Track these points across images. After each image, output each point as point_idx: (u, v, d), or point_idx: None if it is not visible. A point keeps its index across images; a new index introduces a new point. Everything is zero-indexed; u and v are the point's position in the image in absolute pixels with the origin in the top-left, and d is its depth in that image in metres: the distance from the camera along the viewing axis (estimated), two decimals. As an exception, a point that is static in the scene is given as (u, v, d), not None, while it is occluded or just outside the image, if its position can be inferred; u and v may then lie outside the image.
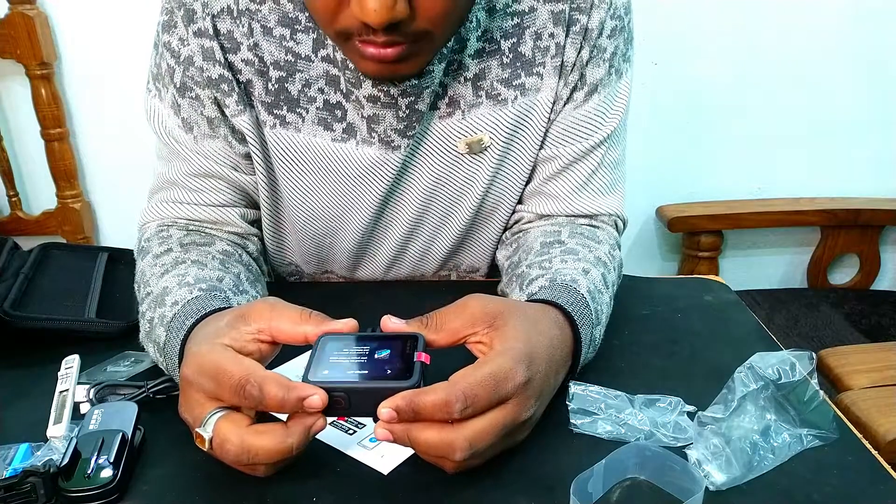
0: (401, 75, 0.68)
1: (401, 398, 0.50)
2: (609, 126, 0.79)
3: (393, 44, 0.61)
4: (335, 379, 0.52)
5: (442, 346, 0.57)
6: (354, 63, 0.68)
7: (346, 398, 0.52)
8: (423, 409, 0.50)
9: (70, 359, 0.65)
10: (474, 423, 0.51)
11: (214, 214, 0.79)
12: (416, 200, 0.81)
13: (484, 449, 0.52)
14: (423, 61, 0.67)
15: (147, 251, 0.75)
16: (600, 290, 0.68)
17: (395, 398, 0.51)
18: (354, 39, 0.62)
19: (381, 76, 0.68)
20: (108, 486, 0.52)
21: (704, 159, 1.68)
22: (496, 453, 0.55)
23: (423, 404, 0.50)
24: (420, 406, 0.50)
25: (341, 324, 0.56)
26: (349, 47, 0.64)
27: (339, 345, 0.55)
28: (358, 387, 0.52)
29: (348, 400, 0.52)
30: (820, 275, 1.74)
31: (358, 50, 0.63)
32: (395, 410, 0.50)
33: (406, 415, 0.50)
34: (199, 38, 0.73)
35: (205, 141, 0.77)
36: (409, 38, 0.61)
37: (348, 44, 0.63)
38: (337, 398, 0.52)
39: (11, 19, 1.39)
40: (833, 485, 0.55)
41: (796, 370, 0.56)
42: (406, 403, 0.50)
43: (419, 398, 0.50)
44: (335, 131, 0.76)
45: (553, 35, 0.75)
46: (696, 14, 1.54)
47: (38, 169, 1.56)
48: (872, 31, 1.57)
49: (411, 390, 0.51)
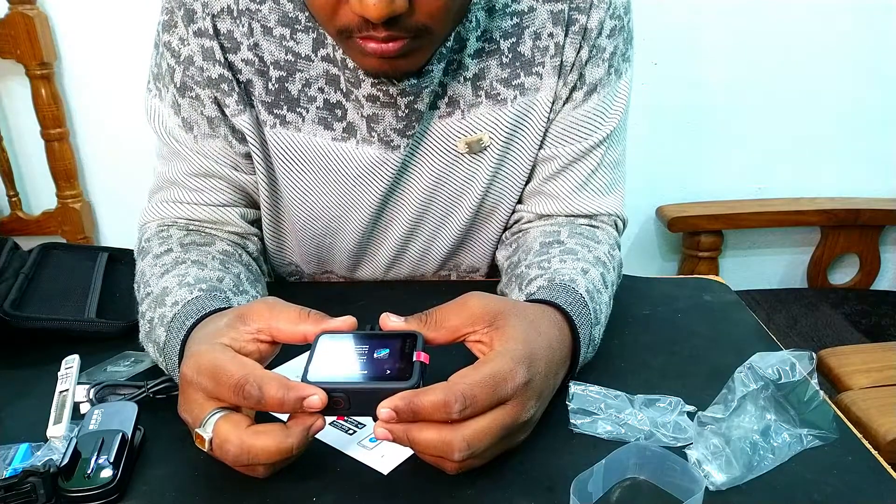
0: (401, 72, 0.68)
1: (400, 398, 0.50)
2: (608, 126, 0.79)
3: (393, 39, 0.61)
4: (334, 379, 0.52)
5: (441, 343, 0.57)
6: (356, 61, 0.68)
7: (346, 398, 0.52)
8: (422, 410, 0.50)
9: (70, 359, 0.65)
10: (473, 424, 0.51)
11: (214, 214, 0.79)
12: (415, 200, 0.81)
13: (483, 449, 0.52)
14: (423, 57, 0.67)
15: (147, 251, 0.75)
16: (599, 289, 0.68)
17: (393, 398, 0.50)
18: (355, 37, 0.62)
19: (383, 73, 0.68)
20: (108, 486, 0.52)
21: (704, 159, 1.68)
22: (496, 454, 0.54)
23: (422, 405, 0.50)
24: (419, 406, 0.50)
25: (340, 322, 0.56)
26: (350, 45, 0.64)
27: (338, 344, 0.55)
28: (357, 387, 0.52)
29: (348, 400, 0.52)
30: (820, 275, 1.74)
31: (359, 47, 0.63)
32: (393, 411, 0.50)
33: (405, 415, 0.50)
34: (199, 37, 0.73)
35: (205, 140, 0.77)
36: (409, 34, 0.61)
37: (349, 41, 0.63)
38: (336, 398, 0.51)
39: (11, 19, 1.39)
40: (833, 485, 0.55)
41: (796, 370, 0.56)
42: (405, 404, 0.50)
43: (418, 399, 0.50)
44: (335, 130, 0.76)
45: (552, 35, 0.75)
46: (696, 14, 1.53)
47: (38, 169, 1.56)
48: (872, 31, 1.57)
49: (410, 391, 0.51)
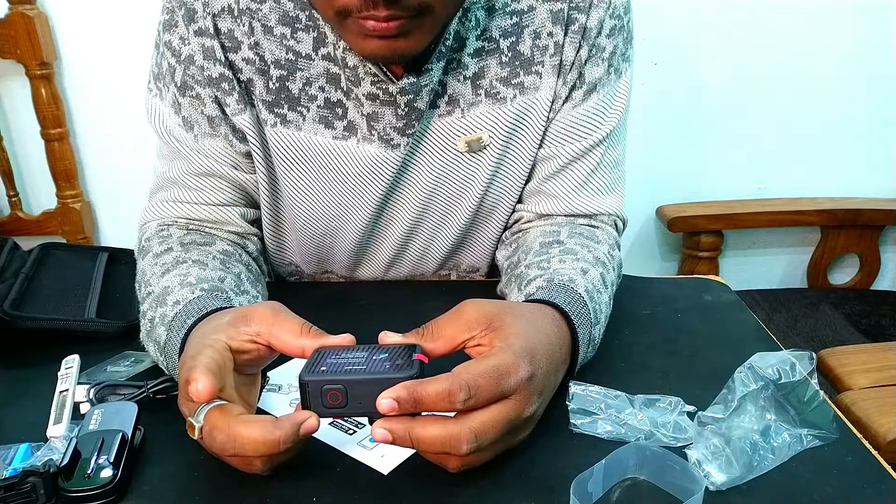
0: (402, 53, 0.65)
1: (402, 388, 0.50)
2: (608, 125, 0.79)
3: (394, 18, 0.60)
4: (332, 374, 0.51)
5: (440, 354, 0.56)
6: (354, 46, 0.66)
7: (344, 391, 0.51)
8: (426, 398, 0.49)
9: (70, 359, 0.65)
10: (479, 415, 0.51)
11: (214, 214, 0.79)
12: (415, 199, 0.81)
13: (488, 443, 0.51)
14: (423, 39, 0.65)
15: (147, 250, 0.75)
16: (599, 289, 0.68)
17: (395, 388, 0.50)
18: (354, 16, 0.61)
19: (382, 56, 0.65)
20: (108, 486, 0.52)
21: (704, 159, 1.68)
22: (498, 452, 0.54)
23: (426, 393, 0.49)
24: (422, 395, 0.49)
25: (339, 339, 0.56)
26: (348, 27, 0.62)
27: (337, 352, 0.54)
28: (354, 379, 0.51)
29: (346, 394, 0.51)
30: (820, 275, 1.74)
31: (357, 28, 0.61)
32: (395, 400, 0.50)
33: (407, 405, 0.50)
34: (199, 37, 0.73)
35: (205, 140, 0.77)
36: (410, 13, 0.60)
37: (347, 23, 0.62)
38: (334, 391, 0.51)
39: (11, 19, 1.39)
40: (833, 485, 0.55)
41: (796, 370, 0.56)
42: (408, 393, 0.50)
43: (421, 387, 0.50)
44: (336, 129, 0.76)
45: (552, 34, 0.75)
46: (696, 14, 1.53)
47: (38, 169, 1.56)
48: (872, 31, 1.57)
49: (413, 381, 0.50)
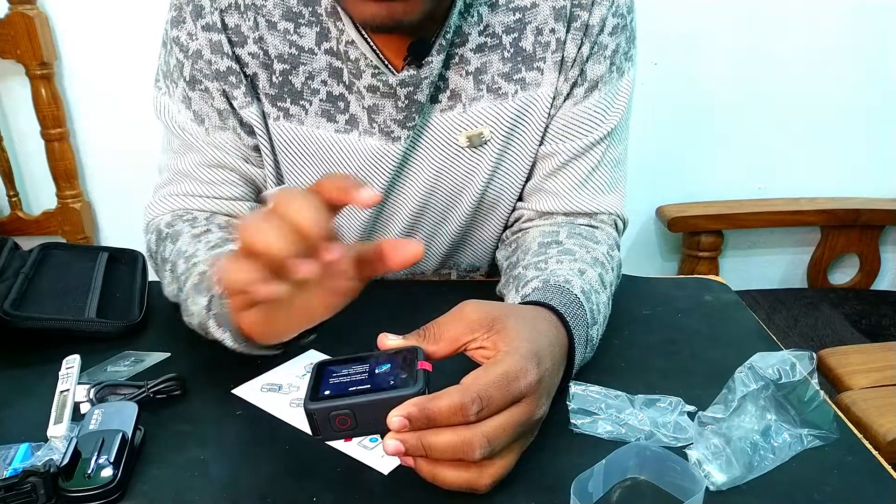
0: (399, 19, 0.64)
1: (412, 405, 0.49)
2: (609, 123, 0.79)
3: None
4: (337, 397, 0.50)
5: (442, 356, 0.55)
6: (353, 11, 0.65)
7: (352, 415, 0.50)
8: (438, 414, 0.48)
9: (70, 359, 0.65)
10: (491, 420, 0.50)
11: (226, 208, 0.80)
12: (416, 194, 0.82)
13: (501, 448, 0.51)
14: (420, 6, 0.64)
15: (177, 235, 0.74)
16: (596, 290, 0.68)
17: (405, 405, 0.49)
18: None
19: (381, 21, 0.64)
20: (108, 486, 0.52)
21: (704, 159, 1.68)
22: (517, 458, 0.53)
23: (438, 409, 0.48)
24: (434, 411, 0.48)
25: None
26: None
27: (337, 367, 0.53)
28: (362, 401, 0.50)
29: (354, 418, 0.50)
30: (820, 275, 1.74)
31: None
32: (406, 418, 0.48)
33: (419, 422, 0.49)
34: (207, 31, 0.74)
35: (216, 132, 0.78)
36: None
37: None
38: (342, 416, 0.50)
39: (11, 19, 1.39)
40: (833, 485, 0.55)
41: (796, 370, 0.56)
42: (419, 410, 0.48)
43: (432, 403, 0.49)
44: (338, 122, 0.77)
45: (554, 30, 0.75)
46: (696, 14, 1.53)
47: (38, 169, 1.56)
48: (872, 30, 1.57)
49: (423, 396, 0.49)
